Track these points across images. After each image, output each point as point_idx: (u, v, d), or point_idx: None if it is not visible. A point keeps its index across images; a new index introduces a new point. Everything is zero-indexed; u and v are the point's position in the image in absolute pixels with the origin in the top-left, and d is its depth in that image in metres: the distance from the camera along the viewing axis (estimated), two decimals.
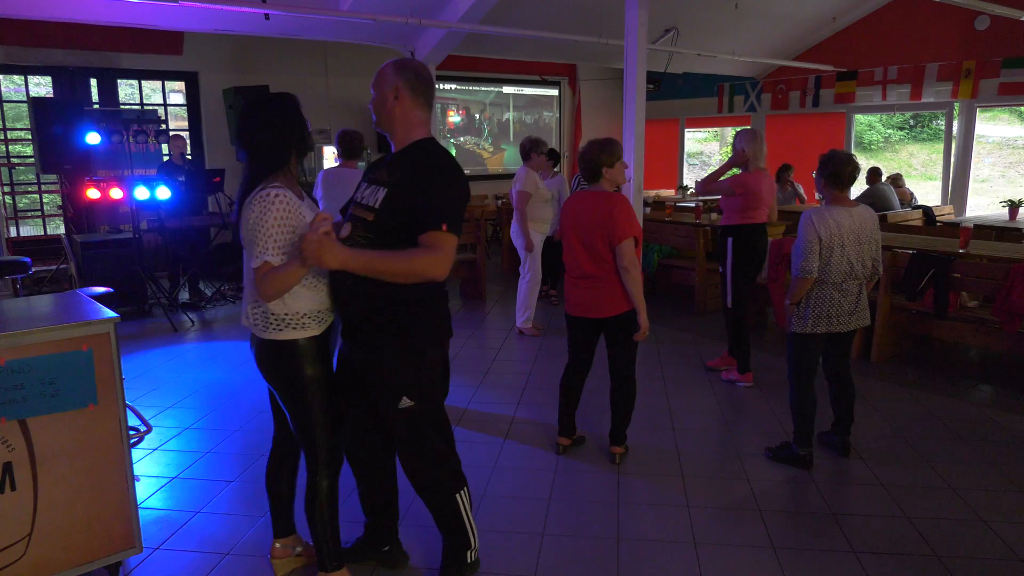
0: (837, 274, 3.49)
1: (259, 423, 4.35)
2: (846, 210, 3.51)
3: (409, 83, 2.27)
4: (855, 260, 3.51)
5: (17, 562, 2.47)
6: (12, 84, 8.97)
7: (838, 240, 3.46)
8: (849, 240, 3.48)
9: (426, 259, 2.14)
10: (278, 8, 6.59)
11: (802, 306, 3.59)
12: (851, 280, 3.54)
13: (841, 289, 3.53)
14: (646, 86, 6.45)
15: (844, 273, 3.50)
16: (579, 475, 3.65)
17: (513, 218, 6.25)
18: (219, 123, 9.04)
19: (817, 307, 3.55)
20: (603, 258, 3.50)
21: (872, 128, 14.56)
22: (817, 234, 3.45)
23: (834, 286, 3.52)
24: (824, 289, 3.53)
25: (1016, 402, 4.66)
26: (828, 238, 3.45)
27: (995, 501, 3.36)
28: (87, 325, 2.52)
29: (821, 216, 3.48)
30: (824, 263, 3.48)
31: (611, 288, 3.51)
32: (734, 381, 4.94)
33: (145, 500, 3.38)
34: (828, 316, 3.55)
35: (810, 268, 3.47)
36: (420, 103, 2.30)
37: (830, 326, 3.57)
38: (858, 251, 3.51)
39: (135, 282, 6.94)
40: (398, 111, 2.29)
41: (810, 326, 3.57)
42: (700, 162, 16.70)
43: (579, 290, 3.61)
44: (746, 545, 3.01)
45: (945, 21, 9.60)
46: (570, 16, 8.66)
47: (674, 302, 7.37)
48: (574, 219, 3.58)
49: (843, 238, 3.47)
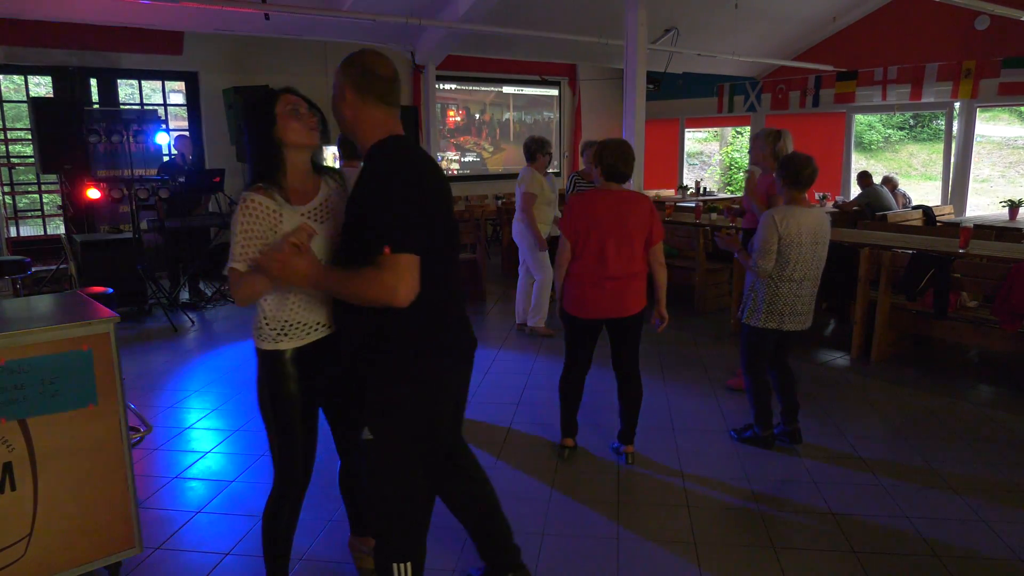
0: (797, 272, 3.64)
1: (259, 423, 4.31)
2: (806, 210, 3.63)
3: (353, 81, 2.00)
4: (811, 259, 3.66)
5: (17, 562, 2.47)
6: (12, 84, 8.98)
7: (797, 239, 3.59)
8: (807, 239, 3.61)
9: (371, 282, 1.88)
10: (278, 8, 6.59)
11: (757, 300, 3.74)
12: (807, 280, 3.68)
13: (799, 288, 3.67)
14: (646, 86, 6.45)
15: (803, 272, 3.65)
16: (579, 475, 3.65)
17: (516, 218, 6.22)
18: (219, 123, 9.04)
19: (772, 303, 3.70)
20: (637, 256, 3.53)
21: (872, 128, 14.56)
22: (777, 232, 3.58)
23: (793, 283, 3.66)
24: (782, 286, 3.67)
25: (1016, 402, 4.66)
26: (788, 236, 3.58)
27: (995, 501, 3.36)
28: (87, 325, 2.52)
29: (783, 215, 3.59)
30: (784, 261, 3.62)
31: (637, 286, 3.56)
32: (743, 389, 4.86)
33: (145, 500, 3.38)
34: (780, 314, 3.71)
35: (766, 267, 3.63)
36: (371, 101, 2.01)
37: (781, 323, 3.72)
38: (814, 251, 3.65)
39: (135, 282, 6.94)
40: (348, 113, 2.04)
41: (763, 321, 3.73)
42: (700, 162, 16.69)
43: (604, 292, 3.50)
44: (746, 545, 3.01)
45: (945, 21, 9.60)
46: (570, 16, 8.66)
47: (674, 302, 7.36)
48: (607, 219, 3.47)
49: (802, 236, 3.59)
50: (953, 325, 5.14)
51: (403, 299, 1.89)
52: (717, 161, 16.51)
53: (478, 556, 2.61)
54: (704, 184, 12.75)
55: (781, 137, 4.71)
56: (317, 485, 3.50)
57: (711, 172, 16.33)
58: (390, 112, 2.05)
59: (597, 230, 3.48)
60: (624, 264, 3.50)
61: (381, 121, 2.03)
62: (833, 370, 5.33)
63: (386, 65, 2.03)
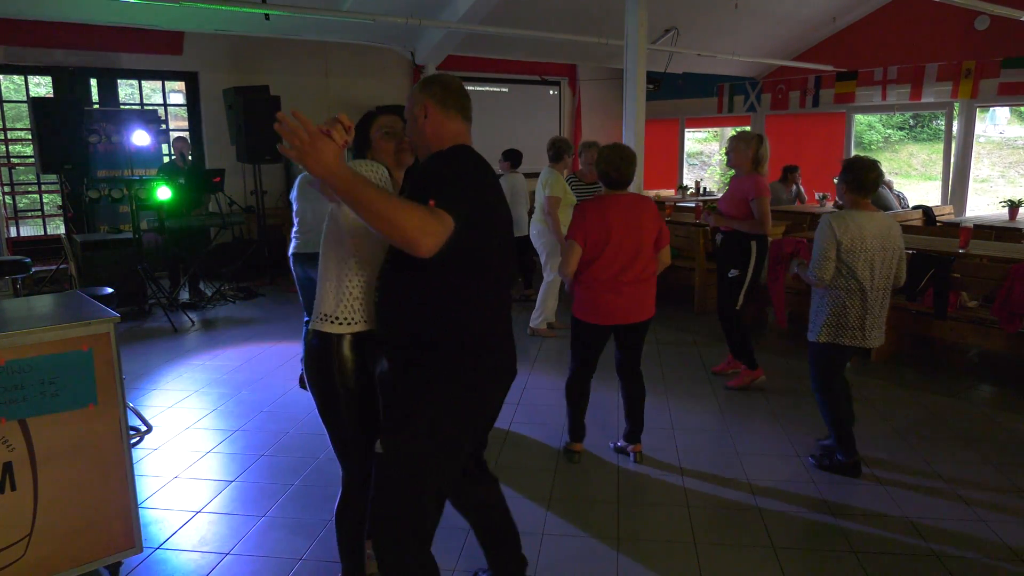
0: (864, 283, 3.39)
1: (259, 423, 4.35)
2: (870, 215, 3.41)
3: (435, 97, 2.09)
4: (880, 268, 3.40)
5: (17, 562, 2.47)
6: (12, 84, 8.98)
7: (860, 246, 3.34)
8: (873, 245, 3.36)
9: (403, 211, 1.75)
10: (278, 8, 6.59)
11: (825, 315, 3.50)
12: (878, 292, 3.43)
13: (866, 301, 3.42)
14: (646, 86, 6.45)
15: (867, 281, 3.39)
16: (579, 475, 3.65)
17: (535, 218, 6.08)
18: (219, 123, 9.03)
19: (841, 317, 3.45)
20: (650, 260, 3.59)
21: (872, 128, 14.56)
22: (836, 239, 3.35)
23: (860, 295, 3.42)
24: (851, 299, 3.42)
25: (1016, 402, 4.66)
26: (851, 243, 3.34)
27: (995, 501, 3.36)
28: (87, 325, 2.52)
29: (842, 221, 3.36)
30: (849, 270, 3.39)
31: (650, 291, 3.63)
32: (747, 385, 4.88)
33: (145, 500, 3.38)
34: (852, 328, 3.45)
35: (824, 276, 3.40)
36: (452, 115, 2.10)
37: (854, 339, 3.46)
38: (883, 258, 3.40)
39: (135, 282, 6.94)
40: (428, 129, 2.09)
41: (834, 336, 3.49)
42: (700, 162, 16.69)
43: (620, 298, 3.51)
44: (746, 545, 3.01)
45: (945, 21, 9.60)
46: (570, 16, 8.66)
47: (674, 302, 7.37)
48: (621, 225, 3.47)
49: (866, 243, 3.35)
50: (953, 325, 5.14)
51: (425, 247, 1.77)
52: (717, 161, 16.51)
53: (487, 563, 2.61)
54: (704, 184, 12.74)
55: (763, 141, 4.74)
56: (317, 485, 3.52)
57: (711, 172, 16.34)
58: (465, 127, 2.15)
59: (612, 236, 3.47)
60: (640, 269, 3.53)
61: (458, 133, 2.11)
62: None
63: (459, 84, 2.17)
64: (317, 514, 3.25)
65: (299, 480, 3.59)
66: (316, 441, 4.03)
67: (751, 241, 4.68)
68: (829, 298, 3.49)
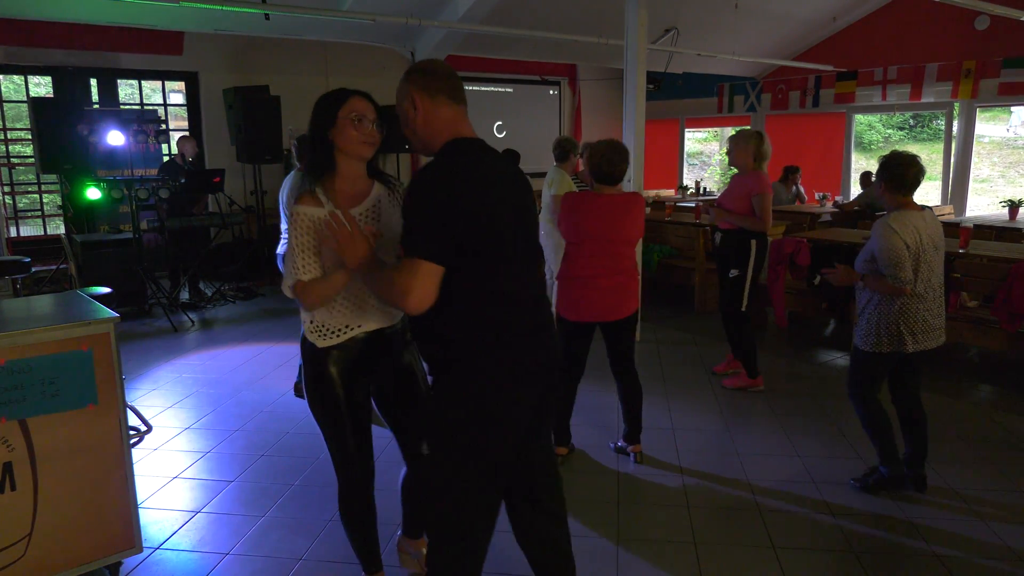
0: (922, 285, 3.18)
1: (259, 423, 4.35)
2: (919, 215, 3.18)
3: (419, 84, 1.96)
4: (936, 268, 3.23)
5: (17, 562, 2.47)
6: (12, 84, 8.98)
7: (919, 246, 3.14)
8: (929, 245, 3.17)
9: (387, 281, 1.87)
10: (278, 8, 6.59)
11: (876, 322, 3.26)
12: (935, 292, 3.25)
13: (927, 303, 3.22)
14: (646, 86, 6.45)
15: (925, 283, 3.19)
16: (579, 475, 3.65)
17: (542, 218, 6.03)
18: (219, 123, 9.03)
19: (894, 323, 3.21)
20: (630, 257, 3.58)
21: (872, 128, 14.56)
22: (904, 242, 3.10)
23: (920, 299, 3.20)
24: (909, 302, 3.19)
25: (1016, 402, 4.66)
26: (916, 245, 3.12)
27: (995, 501, 3.36)
28: (87, 325, 2.52)
29: (901, 223, 3.13)
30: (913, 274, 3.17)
31: (631, 288, 3.58)
32: (743, 388, 4.89)
33: (145, 500, 3.38)
34: (901, 335, 3.21)
35: (908, 277, 3.12)
36: (440, 100, 1.96)
37: (903, 345, 3.22)
38: (936, 258, 3.22)
39: (135, 282, 6.94)
40: (420, 122, 1.98)
41: (882, 345, 3.25)
42: (700, 162, 16.69)
43: (599, 294, 3.49)
44: (746, 545, 3.01)
45: (945, 21, 9.60)
46: (570, 16, 8.66)
47: (674, 302, 7.37)
48: (600, 222, 3.46)
49: (923, 243, 3.14)
50: (953, 325, 5.13)
51: (412, 305, 1.83)
52: (717, 161, 16.50)
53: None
54: (704, 184, 12.74)
55: (763, 139, 4.72)
56: (316, 485, 3.52)
57: (711, 172, 16.33)
58: (459, 110, 2.00)
59: (590, 232, 3.47)
60: (618, 266, 3.51)
61: (451, 120, 1.98)
62: (833, 370, 5.33)
63: (443, 64, 2.04)
64: (317, 514, 3.25)
65: (299, 480, 3.59)
66: (316, 441, 4.03)
67: (751, 239, 4.65)
68: (900, 306, 3.20)
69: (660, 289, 7.71)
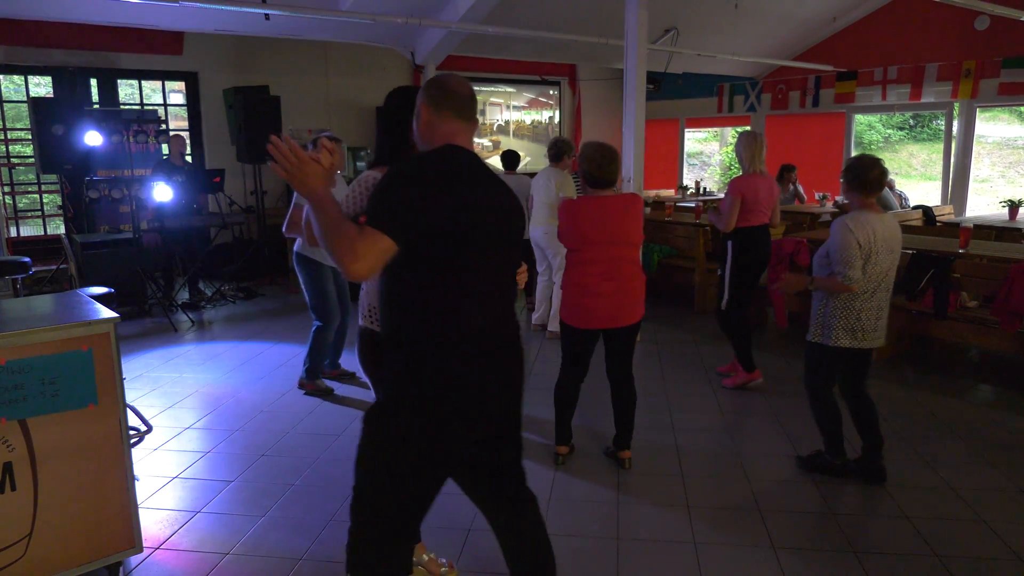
0: (871, 283, 3.34)
1: (259, 423, 4.35)
2: (878, 216, 3.36)
3: (430, 98, 2.03)
4: (886, 269, 3.37)
5: (17, 562, 2.47)
6: (12, 84, 8.97)
7: (872, 248, 3.29)
8: (882, 247, 3.32)
9: (341, 235, 1.77)
10: (278, 8, 6.59)
11: (828, 316, 3.42)
12: (884, 292, 3.39)
13: (873, 302, 3.37)
14: (646, 86, 6.45)
15: (876, 283, 3.35)
16: (579, 475, 3.65)
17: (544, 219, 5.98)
18: (219, 123, 9.03)
19: (845, 319, 3.38)
20: (633, 260, 3.55)
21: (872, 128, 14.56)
22: (857, 241, 3.26)
23: (869, 296, 3.36)
24: (853, 300, 3.36)
25: (1016, 402, 4.66)
26: (868, 245, 3.28)
27: (995, 501, 3.36)
28: (87, 325, 2.52)
29: (858, 222, 3.29)
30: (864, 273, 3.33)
31: (636, 294, 3.55)
32: (741, 385, 4.89)
33: (145, 500, 3.38)
34: (853, 330, 3.38)
35: (856, 275, 3.28)
36: (444, 115, 2.01)
37: (854, 341, 3.39)
38: (889, 259, 3.36)
39: (135, 282, 6.94)
40: (422, 129, 2.06)
41: (835, 339, 3.40)
42: (700, 162, 16.69)
43: (603, 299, 3.44)
44: (746, 545, 3.01)
45: (945, 21, 9.60)
46: (570, 16, 8.65)
47: (674, 302, 7.37)
48: (598, 226, 3.43)
49: (877, 245, 3.30)
50: (953, 325, 5.13)
51: (359, 272, 1.78)
52: (717, 161, 16.50)
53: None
54: (704, 184, 12.74)
55: (742, 139, 4.75)
56: (317, 485, 3.52)
57: (711, 172, 16.33)
58: (461, 126, 2.04)
59: (589, 236, 3.43)
60: (621, 271, 3.47)
61: (450, 133, 2.02)
62: None
63: (461, 84, 2.07)
64: (317, 514, 3.25)
65: (299, 480, 3.59)
66: (316, 441, 4.04)
67: (727, 240, 4.73)
68: (841, 301, 3.38)
69: (660, 289, 7.71)
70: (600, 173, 3.47)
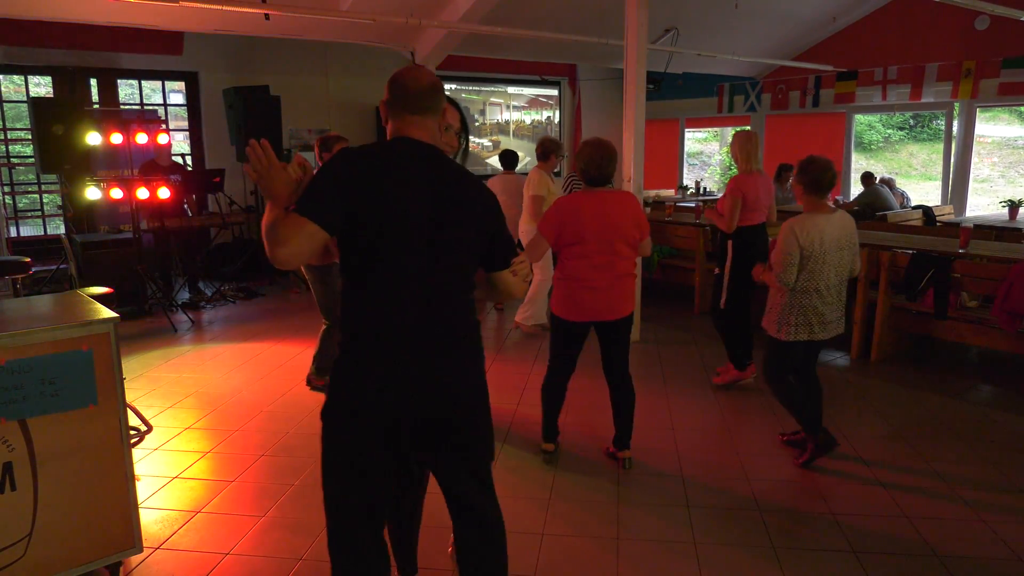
0: (821, 283, 3.50)
1: (259, 423, 4.35)
2: (827, 218, 3.50)
3: (388, 94, 2.04)
4: (838, 268, 3.53)
5: (17, 562, 2.47)
6: (12, 84, 8.98)
7: (820, 249, 3.44)
8: (831, 247, 3.47)
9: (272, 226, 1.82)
10: (278, 8, 6.59)
11: (784, 314, 3.58)
12: (833, 289, 3.55)
13: (824, 298, 3.53)
14: (646, 86, 6.45)
15: (827, 282, 3.51)
16: (579, 475, 3.65)
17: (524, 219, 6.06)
18: (219, 123, 9.03)
19: (800, 315, 3.55)
20: (627, 257, 3.54)
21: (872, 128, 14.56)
22: (799, 245, 3.43)
23: (817, 295, 3.52)
24: (808, 298, 3.52)
25: (1016, 402, 4.66)
26: (811, 248, 3.43)
27: (995, 501, 3.36)
28: (87, 325, 2.52)
29: (804, 226, 3.45)
30: (808, 273, 3.48)
31: (627, 288, 3.55)
32: (731, 383, 4.89)
33: (145, 500, 3.38)
34: (810, 325, 3.55)
35: (788, 280, 3.49)
36: (397, 111, 2.01)
37: (812, 334, 3.57)
38: (839, 258, 3.52)
39: (135, 282, 6.95)
40: (385, 125, 2.08)
41: (792, 334, 3.57)
42: (700, 162, 16.69)
43: (594, 294, 3.46)
44: (746, 545, 3.01)
45: (945, 21, 9.60)
46: (570, 16, 8.65)
47: (674, 302, 7.37)
48: (594, 221, 3.43)
49: (826, 246, 3.45)
50: (953, 325, 5.13)
51: (283, 256, 1.81)
52: (717, 161, 16.50)
53: None
54: (704, 184, 12.74)
55: (737, 139, 4.75)
56: (317, 485, 3.50)
57: (711, 172, 16.33)
58: (415, 120, 2.00)
59: (585, 232, 3.43)
60: (616, 268, 3.48)
61: (402, 128, 2.01)
62: (833, 370, 5.33)
63: (418, 78, 2.02)
64: (317, 514, 3.23)
65: (299, 480, 3.59)
66: (316, 441, 4.01)
67: (727, 240, 4.73)
68: (795, 299, 3.54)
69: (660, 289, 7.71)
70: (598, 173, 3.49)
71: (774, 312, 3.65)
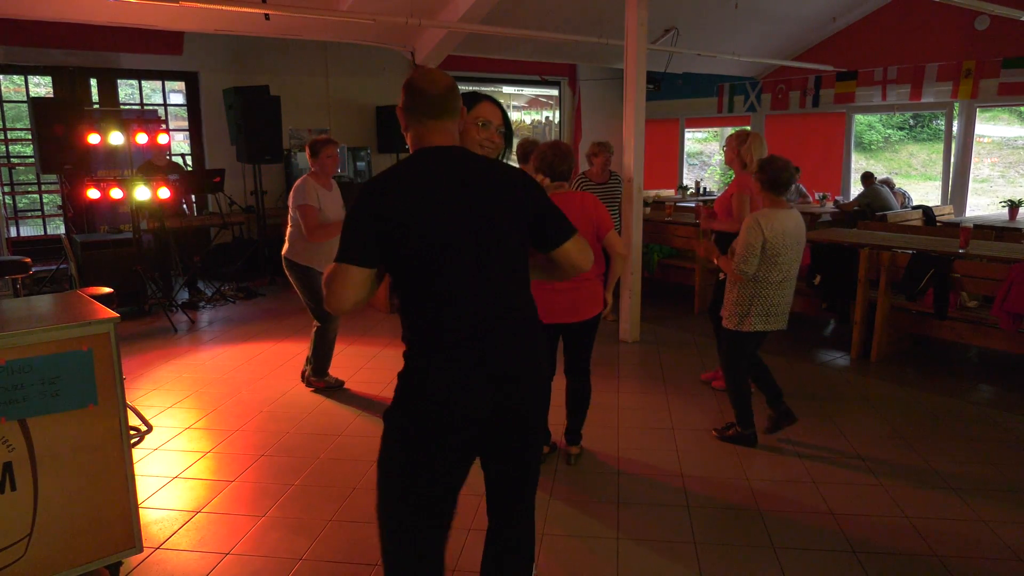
0: (781, 275, 3.70)
1: (259, 423, 4.35)
2: (787, 213, 3.70)
3: (403, 101, 2.00)
4: (793, 261, 3.73)
5: (17, 562, 2.47)
6: (12, 84, 8.98)
7: (782, 241, 3.63)
8: (791, 242, 3.67)
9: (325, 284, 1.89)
10: (278, 8, 6.59)
11: (744, 306, 3.77)
12: (788, 282, 3.77)
13: (781, 290, 3.74)
14: (646, 86, 6.45)
15: (785, 274, 3.72)
16: (579, 475, 3.65)
17: None
18: (219, 123, 9.04)
19: (759, 306, 3.75)
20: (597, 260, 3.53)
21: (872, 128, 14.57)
22: (763, 236, 3.61)
23: (778, 286, 3.72)
24: (767, 289, 3.72)
25: (1016, 402, 4.66)
26: (774, 239, 3.62)
27: (995, 501, 3.36)
28: (87, 325, 2.52)
29: (768, 219, 3.64)
30: (770, 264, 3.66)
31: (590, 290, 3.54)
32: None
33: (145, 500, 3.38)
34: (767, 316, 3.77)
35: (748, 270, 3.67)
36: (415, 117, 1.98)
37: (767, 325, 3.78)
38: (797, 252, 3.73)
39: (135, 282, 6.95)
40: (404, 132, 2.04)
41: (751, 324, 3.77)
42: (700, 162, 16.69)
43: (559, 295, 3.45)
44: (746, 545, 3.01)
45: (945, 21, 9.60)
46: (570, 16, 8.66)
47: (674, 302, 7.37)
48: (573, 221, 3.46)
49: (786, 239, 3.65)
50: (953, 325, 5.14)
51: (331, 307, 1.87)
52: (717, 161, 16.50)
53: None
54: (704, 184, 12.74)
55: (746, 139, 4.72)
56: (317, 485, 3.52)
57: (711, 172, 16.33)
58: (435, 125, 1.99)
59: None
60: None
61: (423, 135, 2.00)
62: (833, 370, 5.33)
63: (434, 81, 2.00)
64: (317, 514, 3.25)
65: (299, 480, 3.59)
66: (316, 441, 4.04)
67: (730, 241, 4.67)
68: (757, 290, 3.72)
69: (660, 289, 7.71)
70: (551, 171, 3.59)
71: (733, 306, 3.82)
